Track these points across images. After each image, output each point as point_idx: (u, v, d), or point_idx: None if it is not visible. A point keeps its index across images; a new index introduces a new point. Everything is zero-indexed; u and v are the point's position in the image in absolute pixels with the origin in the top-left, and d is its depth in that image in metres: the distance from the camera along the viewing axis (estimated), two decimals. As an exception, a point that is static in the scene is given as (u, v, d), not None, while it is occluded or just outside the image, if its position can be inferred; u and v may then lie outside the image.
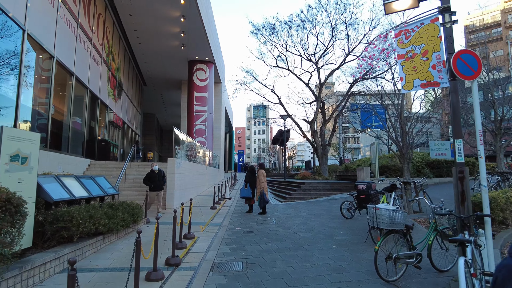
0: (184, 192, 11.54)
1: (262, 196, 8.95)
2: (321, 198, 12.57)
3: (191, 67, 21.11)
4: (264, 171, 9.40)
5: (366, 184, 5.44)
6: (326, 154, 22.54)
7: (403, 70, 4.16)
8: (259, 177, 9.27)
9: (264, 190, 9.05)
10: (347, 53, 22.35)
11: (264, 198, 8.96)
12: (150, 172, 9.02)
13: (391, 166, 13.52)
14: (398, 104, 9.43)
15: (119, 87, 18.37)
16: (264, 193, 9.02)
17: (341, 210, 8.14)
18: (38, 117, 8.88)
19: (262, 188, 9.07)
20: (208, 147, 20.64)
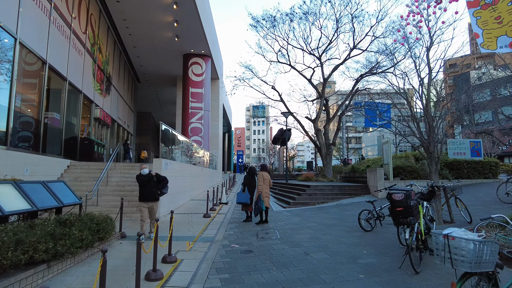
0: (175, 197, 10.14)
1: (258, 200, 7.58)
2: (329, 203, 11.18)
3: (186, 61, 19.72)
4: (267, 174, 8.06)
5: (404, 192, 4.07)
6: (331, 154, 21.18)
7: (477, 23, 2.76)
8: (258, 179, 7.93)
9: (262, 195, 7.68)
10: (352, 47, 21.00)
11: (258, 204, 7.56)
12: (139, 175, 6.45)
13: (406, 167, 12.14)
14: (423, 93, 8.05)
15: (108, 82, 16.97)
16: (261, 198, 7.64)
17: (359, 221, 6.75)
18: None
19: (260, 191, 7.73)
20: (205, 146, 19.26)
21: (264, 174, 8.00)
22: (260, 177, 7.96)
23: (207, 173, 17.60)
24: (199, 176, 15.06)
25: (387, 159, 12.29)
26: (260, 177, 7.97)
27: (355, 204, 10.51)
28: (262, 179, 7.93)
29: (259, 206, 7.57)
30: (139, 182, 6.25)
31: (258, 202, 7.58)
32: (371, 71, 21.16)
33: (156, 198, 6.36)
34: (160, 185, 6.45)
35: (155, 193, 6.33)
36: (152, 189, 6.26)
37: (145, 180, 6.22)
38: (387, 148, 12.39)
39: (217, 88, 24.61)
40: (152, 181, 6.29)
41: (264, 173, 8.09)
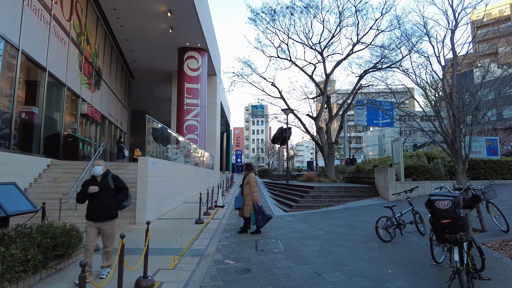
0: (164, 200, 9.11)
1: (260, 210, 6.52)
2: (336, 206, 10.18)
3: (181, 55, 18.70)
4: (253, 175, 6.99)
5: (451, 199, 3.05)
6: (333, 153, 20.19)
7: None
8: (250, 183, 6.77)
9: (257, 202, 6.62)
10: (356, 41, 20.01)
11: (264, 213, 6.51)
12: (90, 179, 4.11)
13: (419, 167, 11.14)
14: (446, 81, 7.06)
15: (97, 76, 15.93)
16: (261, 207, 6.58)
17: (377, 230, 5.74)
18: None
19: (255, 199, 6.62)
20: (201, 145, 18.23)
21: (254, 176, 6.95)
22: (253, 180, 6.80)
23: (203, 173, 16.58)
24: (194, 176, 14.04)
25: (398, 158, 11.30)
26: (253, 180, 6.81)
27: (365, 208, 9.50)
28: (255, 183, 6.85)
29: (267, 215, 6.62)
30: (84, 190, 3.95)
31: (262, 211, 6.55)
32: (375, 66, 20.21)
33: (111, 215, 4.00)
34: (118, 196, 4.05)
35: (108, 207, 3.96)
36: (105, 201, 3.92)
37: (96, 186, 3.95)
38: (397, 147, 11.40)
39: (215, 84, 23.59)
40: (108, 188, 3.99)
41: (253, 174, 7.03)
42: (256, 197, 6.65)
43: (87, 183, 4.03)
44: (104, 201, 3.92)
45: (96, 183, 3.97)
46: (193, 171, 13.77)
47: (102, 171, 4.04)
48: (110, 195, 3.99)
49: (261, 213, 6.47)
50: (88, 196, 3.93)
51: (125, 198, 4.11)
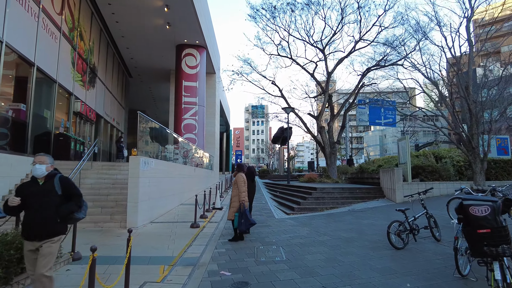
0: (158, 202, 8.59)
1: (244, 213, 5.90)
2: (340, 209, 9.64)
3: (179, 52, 18.19)
4: (244, 175, 6.42)
5: (490, 205, 2.52)
6: (335, 153, 19.66)
7: None
8: (238, 183, 6.19)
9: (244, 204, 6.03)
10: (358, 39, 19.50)
11: (248, 217, 5.88)
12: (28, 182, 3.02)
13: (427, 167, 10.60)
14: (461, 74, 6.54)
15: (92, 73, 15.42)
16: (246, 210, 5.97)
17: (389, 236, 5.21)
18: None
19: (243, 200, 6.02)
20: (199, 145, 17.71)
21: (243, 176, 6.31)
22: (241, 181, 6.16)
23: (201, 173, 16.05)
24: (192, 177, 13.52)
25: (404, 158, 10.77)
26: (241, 180, 6.17)
27: (371, 210, 8.97)
28: (244, 183, 6.18)
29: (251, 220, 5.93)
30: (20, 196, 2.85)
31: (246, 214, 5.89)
32: (378, 64, 19.71)
33: (52, 232, 2.87)
34: (66, 206, 2.93)
35: (49, 221, 2.86)
36: (44, 212, 2.84)
37: (33, 193, 2.88)
38: (404, 146, 10.87)
39: (214, 83, 23.07)
40: (51, 195, 2.90)
41: (243, 174, 6.39)
42: (243, 198, 6.02)
43: (23, 187, 2.95)
44: (43, 211, 2.82)
45: (37, 187, 2.91)
46: (190, 172, 13.25)
47: (45, 172, 2.92)
48: (53, 204, 2.86)
49: (245, 216, 5.85)
50: (19, 206, 2.82)
51: (76, 208, 2.97)
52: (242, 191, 6.09)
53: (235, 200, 6.17)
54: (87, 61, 14.48)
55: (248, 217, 5.86)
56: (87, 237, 6.16)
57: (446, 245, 5.26)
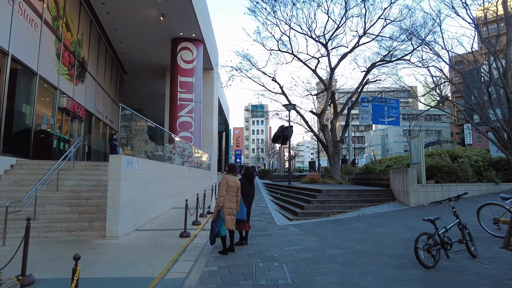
0: (145, 207, 7.65)
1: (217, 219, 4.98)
2: (348, 213, 8.71)
3: (175, 46, 17.25)
4: (233, 177, 5.41)
5: None
6: (339, 152, 18.75)
7: None
8: (220, 185, 5.33)
9: (223, 210, 5.09)
10: (362, 33, 18.56)
11: (214, 226, 4.95)
12: None
13: (443, 167, 9.66)
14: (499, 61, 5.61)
15: (81, 68, 14.49)
16: (221, 215, 5.03)
17: (417, 252, 4.26)
18: None
19: (219, 205, 5.10)
20: (196, 144, 16.77)
21: (229, 179, 5.32)
22: (223, 182, 5.26)
23: (197, 174, 15.12)
24: (186, 178, 12.58)
25: (417, 158, 9.83)
26: (223, 181, 5.26)
27: (384, 216, 8.03)
28: (225, 185, 5.22)
29: (215, 229, 4.92)
30: None
31: (215, 222, 4.97)
32: (384, 59, 18.80)
33: None
34: None
35: None
36: None
37: None
38: (417, 144, 9.93)
39: (211, 79, 22.13)
40: None
41: (230, 176, 5.40)
42: (219, 202, 5.10)
43: None
44: None
45: None
46: (184, 172, 12.31)
47: None
48: None
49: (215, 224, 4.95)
50: None
51: None
52: (220, 194, 5.20)
53: (228, 206, 5.26)
54: (75, 54, 13.55)
55: (213, 228, 4.91)
56: (56, 250, 5.22)
57: (486, 263, 4.33)
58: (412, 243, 4.40)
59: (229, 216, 5.15)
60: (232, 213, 5.21)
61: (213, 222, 4.97)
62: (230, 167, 5.61)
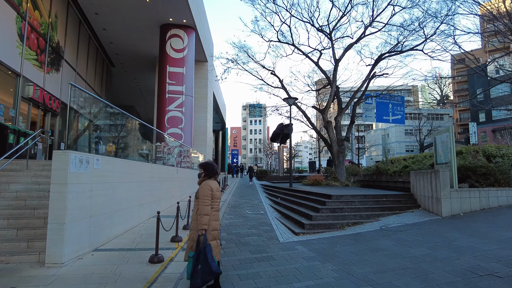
0: (111, 218, 5.97)
1: (204, 253, 3.21)
2: (367, 225, 7.07)
3: (164, 34, 15.59)
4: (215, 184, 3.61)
5: None
6: (344, 151, 17.15)
7: None
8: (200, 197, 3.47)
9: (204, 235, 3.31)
10: (369, 22, 16.99)
11: (208, 262, 3.18)
12: None
13: (478, 168, 8.05)
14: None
15: (55, 54, 12.76)
16: (207, 248, 3.26)
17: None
18: None
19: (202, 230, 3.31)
20: (186, 142, 15.10)
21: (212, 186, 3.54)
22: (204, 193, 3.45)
23: (187, 175, 13.43)
24: (173, 179, 10.89)
25: (446, 157, 8.22)
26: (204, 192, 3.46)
27: (414, 230, 6.38)
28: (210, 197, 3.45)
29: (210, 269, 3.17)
30: None
31: (201, 256, 3.21)
32: (393, 50, 17.23)
33: None
34: None
35: None
36: None
37: None
38: (445, 140, 8.31)
39: (205, 72, 20.46)
40: None
41: (212, 182, 3.59)
42: (203, 226, 3.31)
43: None
44: None
45: None
46: (170, 173, 10.62)
47: None
48: None
49: (204, 260, 3.17)
50: None
51: None
52: (204, 212, 3.36)
53: (193, 227, 3.53)
54: (45, 37, 11.82)
55: (208, 260, 3.18)
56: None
57: None
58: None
59: (214, 241, 3.47)
60: (217, 236, 3.53)
61: (197, 254, 3.26)
62: (209, 168, 3.69)
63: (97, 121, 9.56)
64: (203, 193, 3.46)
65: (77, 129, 13.56)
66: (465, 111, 52.72)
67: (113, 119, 9.58)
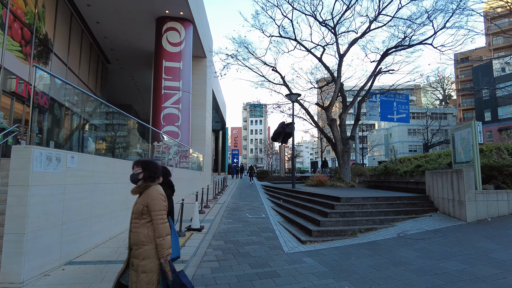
0: (90, 226, 5.18)
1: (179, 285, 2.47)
2: (381, 232, 6.28)
3: (159, 27, 14.81)
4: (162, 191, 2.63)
5: None
6: (348, 151, 16.33)
7: None
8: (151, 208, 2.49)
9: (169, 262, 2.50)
10: (375, 15, 16.20)
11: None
12: None
13: (505, 168, 7.24)
14: None
15: (43, 47, 11.99)
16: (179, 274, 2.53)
17: None
18: None
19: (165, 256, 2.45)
20: (183, 140, 14.31)
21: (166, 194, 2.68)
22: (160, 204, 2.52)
23: (183, 176, 12.64)
24: (168, 180, 10.09)
25: (467, 155, 7.41)
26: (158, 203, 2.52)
27: (438, 237, 5.58)
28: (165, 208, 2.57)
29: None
30: None
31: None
32: (400, 44, 16.44)
33: None
34: None
35: None
36: None
37: None
38: (466, 136, 7.50)
39: (204, 68, 19.67)
40: None
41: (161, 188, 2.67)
42: (168, 250, 2.48)
43: None
44: None
45: None
46: (164, 174, 9.82)
47: None
48: None
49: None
50: None
51: None
52: (165, 232, 2.50)
53: (145, 255, 2.46)
54: (31, 28, 11.06)
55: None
56: None
57: None
58: None
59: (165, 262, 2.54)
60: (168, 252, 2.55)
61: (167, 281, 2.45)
62: (151, 167, 2.67)
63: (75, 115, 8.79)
64: (158, 206, 2.51)
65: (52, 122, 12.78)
66: (469, 111, 51.81)
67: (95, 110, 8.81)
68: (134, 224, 2.55)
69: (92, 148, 8.42)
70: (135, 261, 2.47)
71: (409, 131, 50.24)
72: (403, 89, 24.00)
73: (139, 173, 2.63)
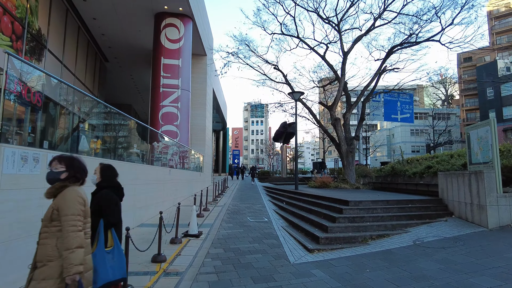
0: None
1: None
2: (394, 238, 5.77)
3: (158, 23, 14.33)
4: (83, 193, 2.17)
5: None
6: (353, 151, 15.84)
7: None
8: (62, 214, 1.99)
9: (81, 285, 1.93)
10: (379, 12, 15.73)
11: None
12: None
13: (525, 169, 6.73)
14: None
15: (36, 43, 11.52)
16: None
17: None
18: None
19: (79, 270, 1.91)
20: (182, 140, 13.82)
21: (83, 196, 2.15)
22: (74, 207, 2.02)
23: (182, 176, 12.15)
24: (165, 182, 9.61)
25: (484, 155, 6.90)
26: (74, 206, 2.02)
27: (459, 246, 5.07)
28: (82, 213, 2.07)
29: None
30: None
31: None
32: (406, 41, 15.95)
33: None
34: None
35: None
36: None
37: None
38: (483, 136, 6.99)
39: (204, 67, 19.18)
40: None
41: (82, 190, 2.19)
42: (77, 268, 1.90)
43: None
44: None
45: None
46: (161, 174, 9.35)
47: None
48: None
49: None
50: None
51: None
52: (76, 243, 1.95)
53: (47, 274, 1.93)
54: (23, 23, 10.59)
55: None
56: None
57: None
58: None
59: (86, 280, 2.07)
60: (91, 279, 2.13)
61: None
62: (75, 165, 2.23)
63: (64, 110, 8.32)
64: (71, 209, 2.01)
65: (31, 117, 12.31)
66: (472, 111, 51.19)
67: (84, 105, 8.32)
68: (43, 234, 2.04)
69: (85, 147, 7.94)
70: (33, 283, 1.91)
71: (411, 131, 49.65)
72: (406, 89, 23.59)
73: (61, 172, 2.13)
